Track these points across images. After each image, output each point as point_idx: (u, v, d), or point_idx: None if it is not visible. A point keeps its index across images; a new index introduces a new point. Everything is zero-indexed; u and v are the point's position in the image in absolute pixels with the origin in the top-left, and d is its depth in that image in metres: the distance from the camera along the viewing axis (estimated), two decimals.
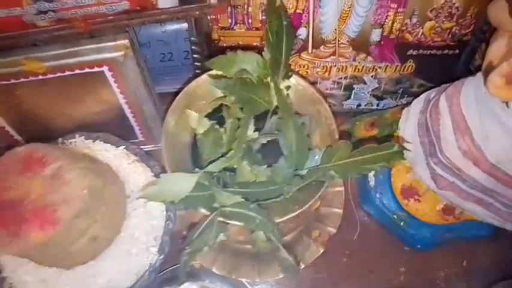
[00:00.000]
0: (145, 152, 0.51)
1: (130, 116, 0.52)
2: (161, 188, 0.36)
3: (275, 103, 0.38)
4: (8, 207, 0.32)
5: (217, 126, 0.41)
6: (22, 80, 0.42)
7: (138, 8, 0.38)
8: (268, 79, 0.37)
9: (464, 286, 0.53)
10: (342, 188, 0.54)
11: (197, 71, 0.53)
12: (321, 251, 0.51)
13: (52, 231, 0.32)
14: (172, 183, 0.36)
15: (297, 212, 0.37)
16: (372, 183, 0.53)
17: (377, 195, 0.53)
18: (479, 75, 0.36)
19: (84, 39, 0.41)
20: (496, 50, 0.32)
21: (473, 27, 0.50)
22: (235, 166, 0.37)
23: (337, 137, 0.39)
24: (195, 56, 0.52)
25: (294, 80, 0.41)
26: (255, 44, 0.50)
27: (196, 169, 0.39)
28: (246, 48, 0.41)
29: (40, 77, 0.42)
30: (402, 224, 0.52)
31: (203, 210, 0.37)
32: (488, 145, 0.35)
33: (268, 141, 0.41)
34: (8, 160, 0.34)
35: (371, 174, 0.54)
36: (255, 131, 0.40)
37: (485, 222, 0.44)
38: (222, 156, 0.38)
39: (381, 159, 0.35)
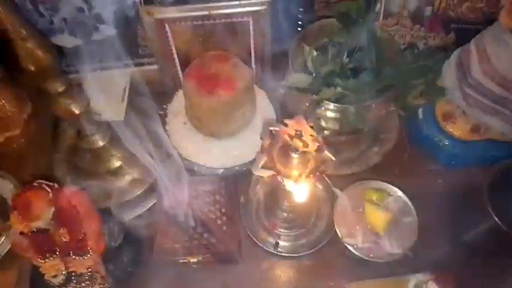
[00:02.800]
0: None
1: (253, 57, 0.76)
2: (293, 80, 0.60)
3: (363, 36, 0.62)
4: (210, 78, 0.58)
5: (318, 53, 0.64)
6: (201, 22, 0.68)
7: None
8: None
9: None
10: (397, 121, 0.76)
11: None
12: (379, 160, 0.73)
13: (232, 93, 0.57)
14: (299, 77, 0.60)
15: (376, 100, 0.59)
16: (420, 116, 0.75)
17: (424, 125, 0.74)
18: (497, 23, 0.58)
19: None
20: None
21: (499, 7, 0.71)
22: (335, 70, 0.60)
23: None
24: (299, 23, 0.78)
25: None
26: None
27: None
28: None
29: (211, 21, 0.68)
30: (441, 144, 0.72)
31: (314, 96, 0.60)
32: (500, 63, 0.56)
33: (354, 66, 0.65)
34: (207, 55, 0.60)
35: (420, 110, 0.75)
36: (346, 58, 0.64)
37: (500, 132, 0.64)
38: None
39: (432, 67, 0.57)
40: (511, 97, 0.58)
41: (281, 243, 0.66)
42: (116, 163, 0.71)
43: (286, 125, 0.46)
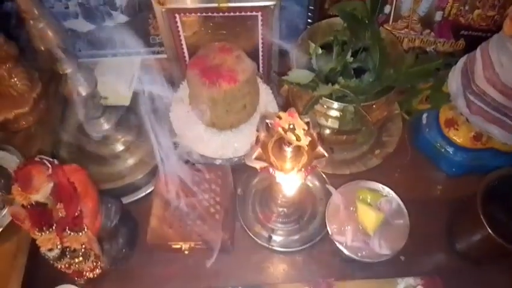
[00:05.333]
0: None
1: (260, 53, 0.77)
2: (295, 76, 0.60)
3: (367, 37, 0.62)
4: (212, 69, 0.59)
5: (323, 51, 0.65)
6: (210, 14, 0.69)
7: None
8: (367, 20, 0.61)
9: None
10: (400, 125, 0.76)
11: None
12: (379, 163, 0.73)
13: (234, 85, 0.58)
14: (301, 74, 0.60)
15: (376, 102, 0.59)
16: (424, 121, 0.74)
17: (427, 130, 0.73)
18: (502, 32, 0.57)
19: None
20: (511, 9, 0.53)
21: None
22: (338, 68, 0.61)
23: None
24: (309, 20, 0.78)
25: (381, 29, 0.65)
26: None
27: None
28: None
29: (221, 14, 0.69)
30: (443, 150, 0.72)
31: (315, 92, 0.60)
32: (502, 71, 0.56)
33: (358, 66, 0.65)
34: (211, 46, 0.61)
35: (424, 115, 0.75)
36: (350, 57, 0.64)
37: (502, 141, 0.63)
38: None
39: (433, 71, 0.57)
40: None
41: (274, 237, 0.67)
42: (120, 147, 0.73)
43: (280, 117, 0.46)
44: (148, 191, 0.72)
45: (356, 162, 0.74)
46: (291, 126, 0.47)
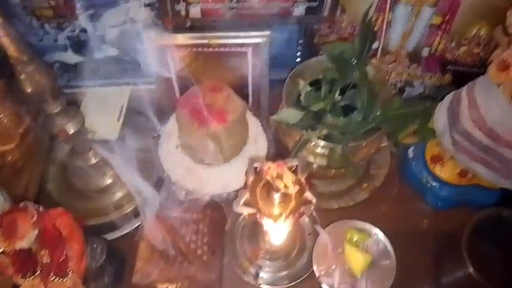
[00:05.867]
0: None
1: (250, 85, 0.78)
2: (283, 115, 0.61)
3: (355, 77, 0.62)
4: (202, 109, 0.59)
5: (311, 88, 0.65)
6: (201, 49, 0.69)
7: (281, 13, 0.65)
8: (355, 60, 0.62)
9: None
10: (388, 158, 0.77)
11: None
12: (366, 197, 0.73)
13: (224, 125, 0.58)
14: (289, 113, 0.61)
15: (362, 142, 0.60)
16: (410, 155, 0.75)
17: (413, 163, 0.74)
18: (486, 75, 0.58)
19: (243, 29, 0.68)
20: (495, 54, 0.54)
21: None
22: (328, 109, 0.61)
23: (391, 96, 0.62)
24: (299, 54, 0.79)
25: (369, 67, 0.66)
26: None
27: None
28: None
29: (211, 49, 0.70)
30: (429, 185, 0.72)
31: (304, 132, 0.61)
32: (487, 114, 0.57)
33: (346, 104, 0.65)
34: (202, 85, 0.61)
35: (411, 149, 0.76)
36: (339, 95, 0.65)
37: (487, 180, 0.64)
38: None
39: (421, 113, 0.57)
40: (498, 149, 0.59)
41: (262, 274, 0.67)
42: (108, 180, 0.72)
43: (269, 167, 0.47)
44: (136, 225, 0.72)
45: (343, 196, 0.74)
46: (279, 175, 0.47)
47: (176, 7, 0.62)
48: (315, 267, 0.58)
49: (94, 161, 0.70)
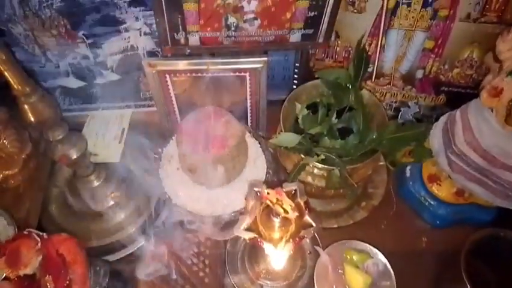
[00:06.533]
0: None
1: (249, 108, 0.79)
2: (282, 139, 0.62)
3: (351, 102, 0.64)
4: (202, 135, 0.60)
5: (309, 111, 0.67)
6: (200, 74, 0.71)
7: (278, 40, 0.67)
8: (350, 85, 0.64)
9: None
10: (385, 177, 0.78)
11: (294, 85, 0.81)
12: (365, 215, 0.74)
13: (224, 150, 0.60)
14: (287, 137, 0.62)
15: (360, 164, 0.61)
16: (408, 174, 0.77)
17: (410, 183, 0.76)
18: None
19: (242, 54, 0.70)
20: (486, 80, 0.56)
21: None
22: (324, 132, 0.63)
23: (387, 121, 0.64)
24: (295, 76, 0.81)
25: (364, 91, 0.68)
26: None
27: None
28: None
29: (210, 74, 0.71)
30: (427, 204, 0.74)
31: (302, 155, 0.62)
32: (482, 137, 0.58)
33: (342, 126, 0.67)
34: (201, 111, 0.63)
35: (408, 168, 0.77)
36: (335, 118, 0.66)
37: (484, 199, 0.65)
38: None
39: (416, 136, 0.59)
40: (494, 170, 0.60)
41: None
42: (110, 202, 0.73)
43: (268, 193, 0.48)
44: (138, 246, 0.72)
45: (343, 215, 0.75)
46: (278, 201, 0.48)
47: (175, 36, 0.64)
48: None
49: (96, 183, 0.71)
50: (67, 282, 0.53)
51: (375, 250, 0.62)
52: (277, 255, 0.51)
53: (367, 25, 0.70)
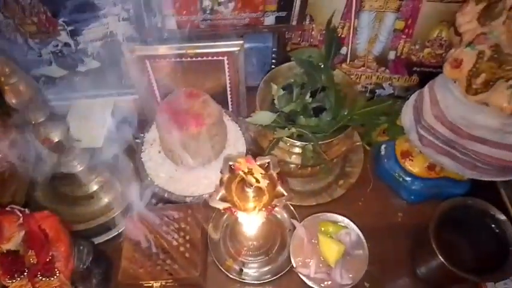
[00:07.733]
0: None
1: (228, 92, 0.82)
2: (258, 117, 0.64)
3: (323, 81, 0.67)
4: (180, 114, 0.62)
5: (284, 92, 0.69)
6: (179, 59, 0.73)
7: (253, 23, 0.69)
8: (322, 65, 0.66)
9: None
10: (362, 156, 0.81)
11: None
12: (343, 193, 0.77)
13: (200, 128, 0.62)
14: (263, 115, 0.64)
15: (332, 140, 0.64)
16: (383, 152, 0.79)
17: (385, 160, 0.78)
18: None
19: (218, 38, 0.72)
20: (450, 53, 0.59)
21: None
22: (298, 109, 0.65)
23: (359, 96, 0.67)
24: (273, 61, 0.83)
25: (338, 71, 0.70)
26: None
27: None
28: None
29: (189, 58, 0.73)
30: (401, 180, 0.76)
31: (276, 132, 0.64)
32: (447, 109, 0.61)
33: (317, 105, 0.69)
34: (179, 92, 0.65)
35: (383, 146, 0.80)
36: (310, 97, 0.69)
37: (454, 172, 0.68)
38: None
39: (384, 110, 0.62)
40: (461, 141, 0.63)
41: (245, 270, 0.70)
42: (94, 186, 0.75)
43: (239, 162, 0.50)
44: (122, 229, 0.74)
45: (322, 193, 0.78)
46: (250, 170, 0.50)
47: (152, 20, 0.66)
48: (292, 259, 0.61)
49: (79, 168, 0.72)
50: (50, 257, 0.55)
51: (347, 221, 0.64)
52: (251, 222, 0.54)
53: (341, 7, 0.72)
